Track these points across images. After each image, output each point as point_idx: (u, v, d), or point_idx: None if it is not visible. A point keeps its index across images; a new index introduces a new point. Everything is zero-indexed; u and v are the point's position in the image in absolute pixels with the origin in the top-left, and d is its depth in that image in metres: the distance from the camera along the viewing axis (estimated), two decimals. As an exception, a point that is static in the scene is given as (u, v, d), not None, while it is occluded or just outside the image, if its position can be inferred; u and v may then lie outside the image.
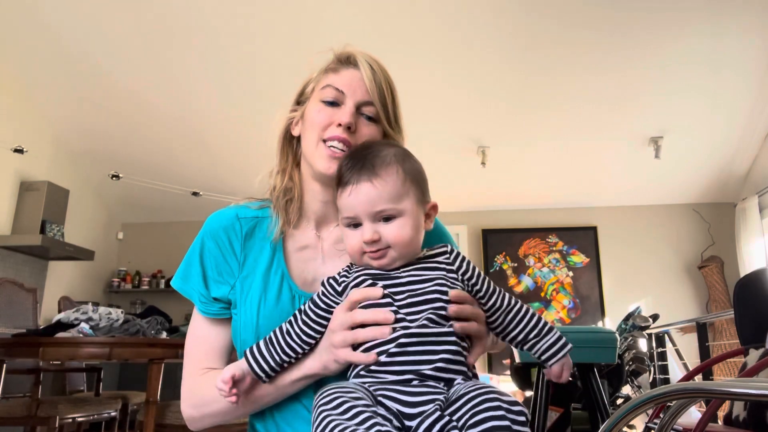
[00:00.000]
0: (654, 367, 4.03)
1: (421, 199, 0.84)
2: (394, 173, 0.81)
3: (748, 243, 5.09)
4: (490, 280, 0.85)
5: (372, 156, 0.82)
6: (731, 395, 0.84)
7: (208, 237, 0.97)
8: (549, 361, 0.82)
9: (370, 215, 0.80)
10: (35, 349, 2.32)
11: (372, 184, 0.80)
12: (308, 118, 0.96)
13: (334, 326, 0.81)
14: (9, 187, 4.70)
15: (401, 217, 0.80)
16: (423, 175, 0.87)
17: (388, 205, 0.80)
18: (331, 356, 0.81)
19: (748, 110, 4.61)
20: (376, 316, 0.77)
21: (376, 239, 0.79)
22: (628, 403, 1.00)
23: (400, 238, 0.80)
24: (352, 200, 0.81)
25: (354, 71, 0.96)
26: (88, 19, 3.99)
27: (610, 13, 3.79)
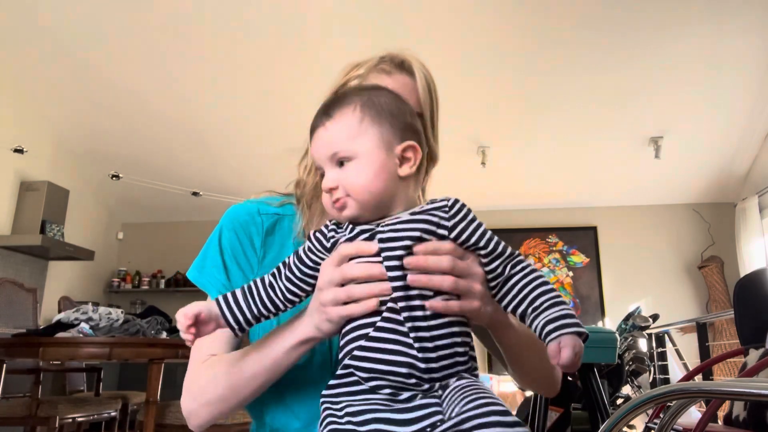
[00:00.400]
0: (654, 367, 4.03)
1: (387, 140, 0.73)
2: (349, 112, 0.73)
3: (748, 243, 5.09)
4: (498, 241, 0.72)
5: (333, 98, 0.76)
6: (731, 395, 0.84)
7: (228, 229, 0.93)
8: (548, 336, 0.65)
9: (327, 161, 0.73)
10: (35, 349, 2.32)
11: (324, 127, 0.74)
12: None
13: (321, 283, 0.73)
14: (9, 187, 4.70)
15: (355, 160, 0.72)
16: (397, 113, 0.76)
17: (339, 147, 0.72)
18: (323, 316, 0.72)
19: (748, 110, 4.61)
20: (371, 271, 0.69)
21: (332, 187, 0.72)
22: (628, 403, 1.00)
23: (354, 184, 0.71)
24: (313, 150, 0.76)
25: (408, 79, 0.91)
26: (88, 19, 3.99)
27: (611, 13, 3.78)
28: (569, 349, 0.63)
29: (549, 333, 0.65)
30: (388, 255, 0.68)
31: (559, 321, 0.65)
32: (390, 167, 0.73)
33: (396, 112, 0.76)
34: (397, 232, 0.70)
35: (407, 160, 0.75)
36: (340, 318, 0.71)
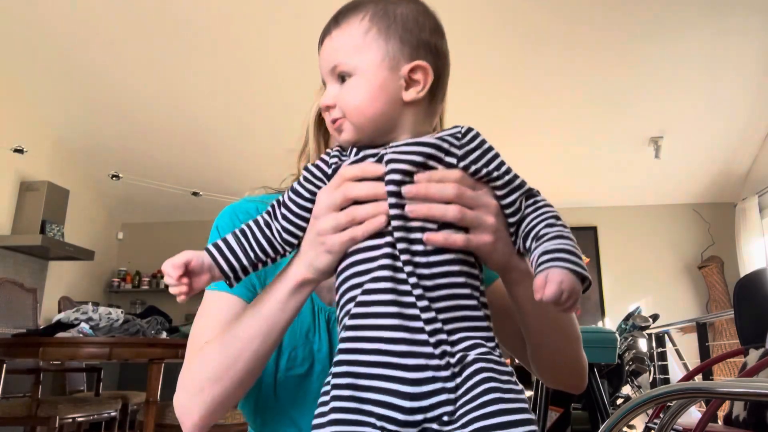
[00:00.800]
0: (654, 367, 4.03)
1: (392, 57, 0.63)
2: (357, 21, 0.65)
3: (748, 243, 5.09)
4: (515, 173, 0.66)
5: (347, 5, 0.68)
6: (731, 395, 0.84)
7: (228, 229, 0.82)
8: (538, 267, 0.57)
9: (328, 74, 0.66)
10: (35, 349, 2.32)
11: (330, 36, 0.66)
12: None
13: (318, 210, 0.64)
14: (9, 187, 4.70)
15: (355, 76, 0.63)
16: (412, 25, 0.66)
17: (340, 60, 0.64)
18: (320, 248, 0.63)
19: (748, 110, 4.61)
20: (377, 189, 0.61)
21: (330, 104, 0.65)
22: (628, 403, 1.00)
23: (350, 103, 0.63)
24: (319, 62, 0.68)
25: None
26: (88, 19, 3.99)
27: (611, 13, 3.79)
28: (554, 285, 0.54)
29: (540, 264, 0.56)
30: (388, 179, 0.60)
31: (555, 254, 0.56)
32: (391, 89, 0.64)
33: (411, 25, 0.66)
34: (401, 155, 0.62)
35: (415, 82, 0.65)
36: (341, 245, 0.62)
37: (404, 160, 0.61)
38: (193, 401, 0.72)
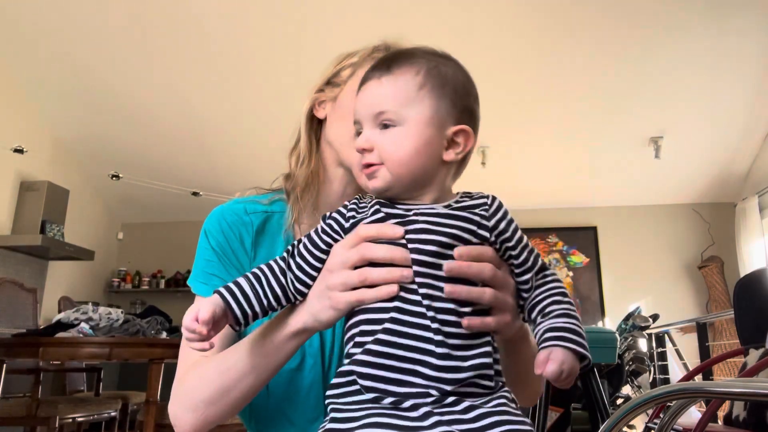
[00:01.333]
0: (654, 367, 4.03)
1: (440, 118, 0.65)
2: (412, 73, 0.66)
3: (748, 243, 5.09)
4: (532, 249, 0.68)
5: (400, 52, 0.69)
6: (731, 395, 0.84)
7: (216, 231, 0.87)
8: (542, 343, 0.61)
9: (369, 118, 0.66)
10: (35, 349, 2.32)
11: (379, 81, 0.66)
12: (345, 108, 0.84)
13: (332, 265, 0.65)
14: (9, 187, 4.70)
15: (401, 126, 0.64)
16: (461, 90, 0.69)
17: (388, 107, 0.65)
18: (326, 302, 0.64)
19: (748, 110, 4.61)
20: (393, 253, 0.61)
21: (368, 148, 0.65)
22: (628, 403, 1.00)
23: (392, 153, 0.64)
24: (358, 99, 0.68)
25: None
26: (88, 19, 3.99)
27: (611, 13, 3.79)
28: (555, 364, 0.58)
29: (545, 340, 0.60)
30: (419, 248, 0.61)
31: (560, 332, 0.60)
32: (435, 147, 0.66)
33: (461, 90, 0.69)
34: (434, 225, 0.62)
35: (456, 144, 0.68)
36: (347, 305, 0.63)
37: (440, 232, 0.62)
38: (186, 416, 0.75)
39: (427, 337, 0.59)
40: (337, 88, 0.89)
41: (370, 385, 0.59)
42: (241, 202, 0.90)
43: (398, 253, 0.62)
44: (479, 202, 0.67)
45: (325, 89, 0.90)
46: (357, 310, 0.63)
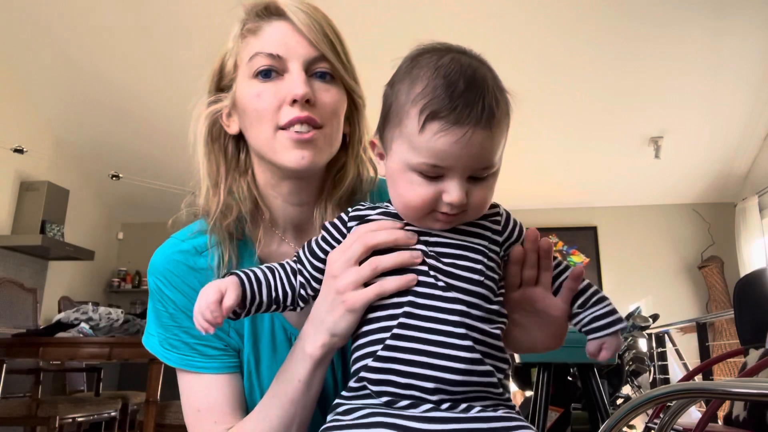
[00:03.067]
0: (654, 367, 4.03)
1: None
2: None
3: (748, 243, 5.09)
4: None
5: (491, 92, 0.60)
6: (731, 395, 0.84)
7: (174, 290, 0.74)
8: (590, 335, 0.64)
9: (468, 170, 0.59)
10: (35, 349, 2.32)
11: (491, 135, 0.58)
12: (245, 106, 0.72)
13: (335, 269, 0.61)
14: (9, 187, 4.70)
15: (491, 179, 0.62)
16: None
17: (492, 161, 0.60)
18: (340, 309, 0.60)
19: (748, 110, 4.61)
20: (395, 235, 0.60)
21: (465, 201, 0.59)
22: (628, 403, 1.00)
23: (484, 203, 0.62)
24: (458, 149, 0.57)
25: (282, 23, 0.72)
26: (88, 19, 3.99)
27: (611, 13, 3.78)
28: (609, 352, 0.63)
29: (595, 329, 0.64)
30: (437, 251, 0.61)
31: (604, 319, 0.63)
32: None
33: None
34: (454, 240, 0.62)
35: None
36: (364, 302, 0.59)
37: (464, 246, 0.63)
38: None
39: (447, 330, 0.57)
40: (229, 90, 0.77)
41: (382, 389, 0.58)
42: (187, 241, 0.78)
43: (401, 234, 0.59)
44: (492, 212, 0.67)
45: (221, 97, 0.78)
46: (367, 315, 0.61)
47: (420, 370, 0.56)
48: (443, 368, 0.56)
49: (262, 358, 0.75)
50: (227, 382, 0.73)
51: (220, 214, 0.74)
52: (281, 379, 0.67)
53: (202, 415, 0.72)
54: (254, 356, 0.74)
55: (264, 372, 0.74)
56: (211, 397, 0.72)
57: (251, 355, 0.75)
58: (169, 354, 0.74)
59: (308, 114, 0.69)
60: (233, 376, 0.74)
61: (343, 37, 0.75)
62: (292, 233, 0.79)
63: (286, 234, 0.79)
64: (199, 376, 0.73)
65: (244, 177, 0.76)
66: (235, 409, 0.73)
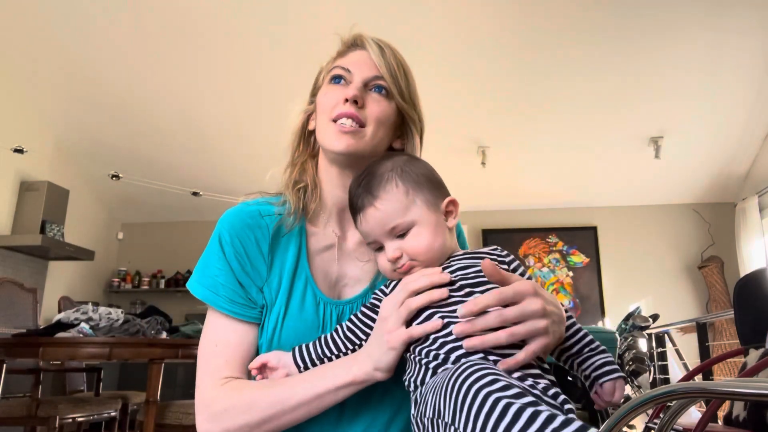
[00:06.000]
0: (654, 367, 4.03)
1: (432, 201, 0.81)
2: (393, 188, 0.79)
3: (748, 243, 5.09)
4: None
5: (369, 177, 0.81)
6: (731, 395, 0.84)
7: (232, 235, 0.88)
8: (603, 377, 0.77)
9: (385, 235, 0.79)
10: (35, 349, 2.32)
11: (375, 207, 0.79)
12: (318, 103, 0.93)
13: (384, 313, 0.75)
14: (9, 187, 4.70)
15: (414, 227, 0.79)
16: (430, 176, 0.83)
17: (396, 222, 0.78)
18: (384, 346, 0.73)
19: (748, 110, 4.61)
20: (431, 278, 0.74)
21: (398, 256, 0.78)
22: (628, 403, 1.00)
23: (419, 248, 0.78)
24: (364, 227, 0.81)
25: (361, 51, 0.93)
26: (88, 19, 3.99)
27: (611, 14, 3.79)
28: (621, 392, 0.76)
29: (604, 374, 0.77)
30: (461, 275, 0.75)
31: (611, 365, 0.78)
32: (442, 223, 0.81)
33: (428, 174, 0.83)
34: (467, 263, 0.77)
35: (450, 212, 0.83)
36: (401, 342, 0.72)
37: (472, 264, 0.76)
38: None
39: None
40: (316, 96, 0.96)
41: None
42: (254, 205, 0.92)
43: (435, 276, 0.74)
44: (492, 247, 0.81)
45: (312, 100, 0.97)
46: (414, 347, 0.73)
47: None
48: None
49: (289, 314, 0.87)
50: (247, 331, 0.87)
51: (293, 181, 0.93)
52: (319, 375, 0.78)
53: (218, 349, 0.85)
54: (284, 311, 0.87)
55: (288, 325, 0.86)
56: (232, 339, 0.86)
57: (282, 309, 0.87)
58: (209, 294, 0.87)
59: (354, 112, 0.86)
60: (252, 327, 0.87)
61: (409, 70, 0.94)
62: (335, 218, 0.95)
63: (330, 217, 0.95)
64: (227, 318, 0.86)
65: (312, 162, 0.96)
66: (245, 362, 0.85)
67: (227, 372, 0.83)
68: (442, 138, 5.01)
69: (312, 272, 0.90)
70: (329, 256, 0.92)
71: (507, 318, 0.67)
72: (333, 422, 0.83)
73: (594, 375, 0.77)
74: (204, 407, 0.81)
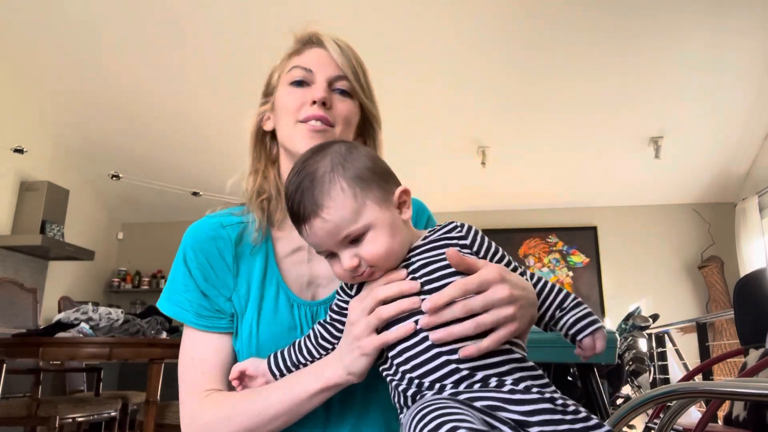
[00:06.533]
0: (654, 367, 4.03)
1: (383, 197, 0.73)
2: (339, 193, 0.70)
3: (748, 243, 5.09)
4: (508, 257, 0.77)
5: (308, 180, 0.71)
6: (731, 395, 0.84)
7: (195, 249, 0.88)
8: (579, 335, 0.74)
9: (337, 245, 0.71)
10: (35, 349, 2.32)
11: (322, 219, 0.70)
12: (279, 105, 0.91)
13: (353, 317, 0.72)
14: (9, 187, 4.70)
15: (369, 232, 0.71)
16: (376, 167, 0.74)
17: (349, 229, 0.70)
18: (356, 352, 0.71)
19: (748, 110, 4.61)
20: (401, 287, 0.70)
21: (356, 264, 0.71)
22: (628, 403, 1.00)
23: (377, 254, 0.70)
24: (312, 240, 0.72)
25: (319, 50, 0.92)
26: (88, 19, 3.99)
27: (611, 14, 3.79)
28: (602, 341, 0.74)
29: (583, 328, 0.74)
30: (427, 279, 0.70)
31: (588, 318, 0.74)
32: (397, 220, 0.74)
33: (372, 165, 0.74)
34: (429, 259, 0.72)
35: (404, 203, 0.76)
36: (374, 349, 0.70)
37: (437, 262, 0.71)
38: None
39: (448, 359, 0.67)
40: (271, 96, 0.96)
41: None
42: (216, 217, 0.93)
43: (405, 285, 0.70)
44: (451, 227, 0.76)
45: (266, 101, 0.97)
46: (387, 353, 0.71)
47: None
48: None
49: (263, 319, 0.86)
50: (221, 341, 0.86)
51: (256, 193, 0.91)
52: (291, 382, 0.77)
53: (195, 364, 0.85)
54: (257, 316, 0.86)
55: (264, 330, 0.85)
56: (207, 351, 0.85)
57: (255, 315, 0.86)
58: (177, 311, 0.87)
59: (323, 114, 0.85)
60: (226, 337, 0.87)
61: (366, 67, 0.93)
62: None
63: None
64: (200, 332, 0.86)
65: (274, 167, 0.95)
66: (223, 373, 0.85)
67: (207, 385, 0.83)
68: (442, 138, 5.01)
69: (283, 276, 0.89)
70: (299, 258, 0.91)
71: (472, 308, 0.66)
72: (321, 424, 0.83)
73: (570, 334, 0.75)
74: (188, 421, 0.82)
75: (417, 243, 0.75)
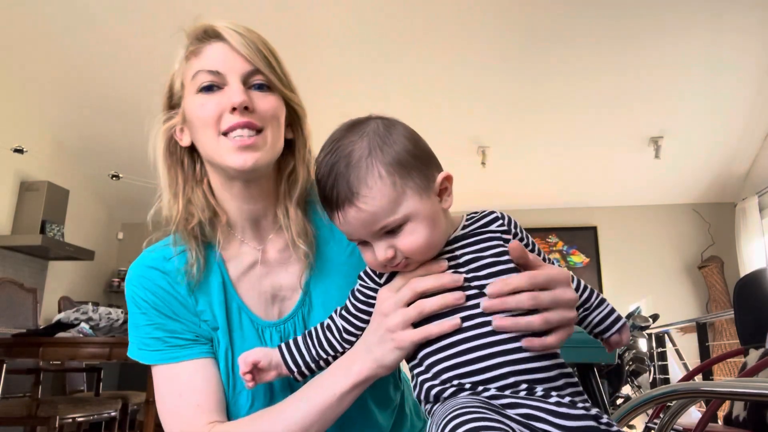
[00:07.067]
0: (654, 367, 4.03)
1: (424, 185, 0.66)
2: (377, 181, 0.64)
3: (748, 243, 5.09)
4: (544, 253, 0.76)
5: (343, 164, 0.65)
6: (731, 395, 0.85)
7: (145, 289, 0.81)
8: (606, 332, 0.74)
9: (372, 235, 0.66)
10: (35, 349, 2.32)
11: (356, 208, 0.64)
12: (192, 117, 0.78)
13: (385, 308, 0.67)
14: (9, 187, 4.70)
15: (408, 223, 0.65)
16: (417, 150, 0.67)
17: (386, 221, 0.64)
18: (389, 345, 0.66)
19: (748, 110, 4.61)
20: (442, 280, 0.65)
21: (392, 256, 0.66)
22: (628, 403, 1.00)
23: (416, 246, 0.65)
24: (346, 228, 0.67)
25: (219, 44, 0.81)
26: (88, 19, 3.99)
27: (611, 14, 3.78)
28: (628, 334, 0.75)
29: (608, 327, 0.74)
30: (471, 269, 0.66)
31: (613, 316, 0.75)
32: (438, 210, 0.68)
33: (412, 147, 0.67)
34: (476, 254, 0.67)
35: (445, 190, 0.70)
36: (412, 343, 0.65)
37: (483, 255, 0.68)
38: None
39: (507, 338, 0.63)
40: (179, 107, 0.83)
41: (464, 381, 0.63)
42: (156, 251, 0.84)
43: (446, 278, 0.65)
44: (492, 217, 0.72)
45: (173, 114, 0.84)
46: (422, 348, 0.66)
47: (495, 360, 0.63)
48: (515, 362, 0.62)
49: (235, 347, 0.80)
50: (206, 368, 0.79)
51: (183, 221, 0.80)
52: (316, 387, 0.72)
53: (185, 399, 0.76)
54: (229, 344, 0.80)
55: (238, 356, 0.77)
56: (195, 381, 0.77)
57: (228, 347, 0.80)
58: (145, 353, 0.81)
59: (248, 120, 0.75)
60: (209, 361, 0.79)
61: (278, 53, 0.83)
62: (250, 233, 0.85)
63: (244, 234, 0.85)
64: (177, 365, 0.78)
65: (200, 186, 0.83)
66: (219, 401, 0.77)
67: (206, 417, 0.75)
68: (442, 138, 5.01)
69: (242, 298, 0.82)
70: (256, 275, 0.83)
71: (541, 302, 0.62)
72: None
73: (596, 332, 0.75)
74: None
75: (457, 233, 0.70)
